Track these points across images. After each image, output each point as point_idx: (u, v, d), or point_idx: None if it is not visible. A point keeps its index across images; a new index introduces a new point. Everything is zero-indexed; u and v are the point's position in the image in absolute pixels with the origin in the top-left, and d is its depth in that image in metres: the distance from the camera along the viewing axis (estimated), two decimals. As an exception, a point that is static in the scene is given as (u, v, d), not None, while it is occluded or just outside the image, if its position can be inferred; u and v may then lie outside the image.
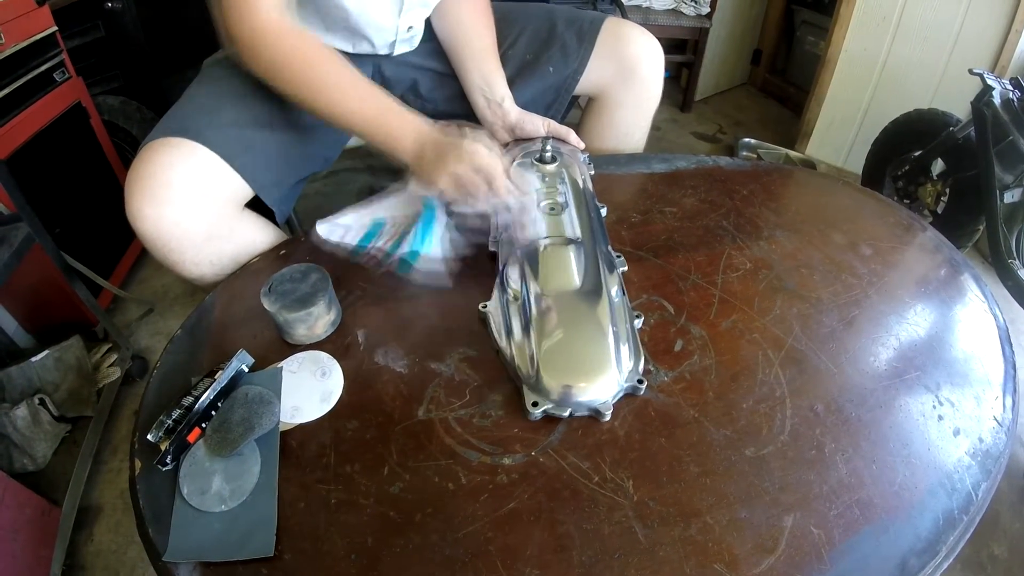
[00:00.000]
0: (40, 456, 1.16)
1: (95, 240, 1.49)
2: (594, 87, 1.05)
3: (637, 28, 1.03)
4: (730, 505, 0.49)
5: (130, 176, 0.73)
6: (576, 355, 0.59)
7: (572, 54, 1.01)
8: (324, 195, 1.84)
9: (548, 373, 0.57)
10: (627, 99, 1.04)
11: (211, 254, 0.77)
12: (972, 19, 1.70)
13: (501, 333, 0.64)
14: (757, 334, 0.65)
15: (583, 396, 0.56)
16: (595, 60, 1.02)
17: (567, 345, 0.59)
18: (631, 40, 1.01)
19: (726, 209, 0.85)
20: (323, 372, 0.61)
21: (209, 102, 0.82)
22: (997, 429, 0.56)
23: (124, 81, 1.76)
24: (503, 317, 0.65)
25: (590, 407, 0.56)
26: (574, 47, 1.02)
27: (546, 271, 0.67)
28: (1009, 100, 1.34)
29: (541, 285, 0.65)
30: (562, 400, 0.56)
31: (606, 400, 0.56)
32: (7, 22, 1.22)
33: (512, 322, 0.63)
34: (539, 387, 0.57)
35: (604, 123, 1.08)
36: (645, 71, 1.02)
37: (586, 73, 1.02)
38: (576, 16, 1.05)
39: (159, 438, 0.53)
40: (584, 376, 0.56)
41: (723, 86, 2.85)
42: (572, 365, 0.57)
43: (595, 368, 0.57)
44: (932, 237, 0.82)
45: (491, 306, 0.67)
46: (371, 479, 0.51)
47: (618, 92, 1.04)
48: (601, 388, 0.57)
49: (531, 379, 0.58)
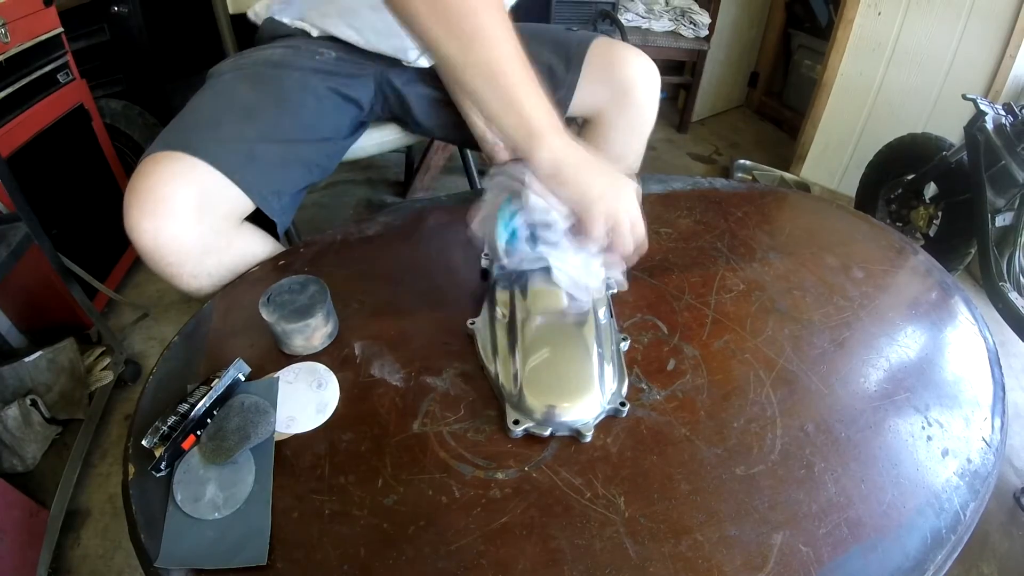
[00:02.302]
0: (30, 457, 1.15)
1: (92, 243, 1.49)
2: (588, 110, 1.05)
3: (631, 50, 1.02)
4: (720, 522, 0.50)
5: (129, 189, 0.73)
6: (560, 376, 0.59)
7: (560, 80, 1.00)
8: (322, 206, 1.85)
9: (531, 392, 0.57)
10: (621, 122, 1.04)
11: (209, 267, 0.77)
12: (966, 45, 1.73)
13: (487, 351, 0.64)
14: (749, 354, 0.66)
15: (565, 416, 0.56)
16: (588, 84, 1.00)
17: (551, 365, 0.60)
18: (625, 63, 1.00)
19: (720, 230, 0.86)
20: (319, 383, 0.61)
21: (211, 115, 0.82)
22: (985, 450, 0.57)
23: (127, 85, 1.78)
24: (490, 334, 0.65)
25: (571, 427, 0.57)
26: (561, 73, 1.00)
27: (535, 291, 0.67)
28: (1002, 125, 1.36)
29: (529, 305, 0.65)
30: (545, 420, 0.56)
31: (587, 421, 0.57)
32: (14, 21, 1.22)
33: (498, 340, 0.64)
34: (522, 406, 0.57)
35: (598, 144, 1.07)
36: (640, 95, 1.01)
37: (579, 97, 1.01)
38: (563, 40, 1.04)
39: (154, 444, 0.53)
40: (567, 397, 0.57)
41: (720, 108, 2.89)
42: (556, 385, 0.58)
43: (578, 389, 0.57)
44: (924, 260, 0.83)
45: (479, 323, 0.67)
46: (365, 491, 0.52)
47: (612, 115, 1.03)
48: (583, 409, 0.57)
49: (514, 398, 0.58)
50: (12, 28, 1.22)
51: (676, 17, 2.43)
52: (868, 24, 1.88)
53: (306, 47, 0.96)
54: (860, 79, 1.96)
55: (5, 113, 1.23)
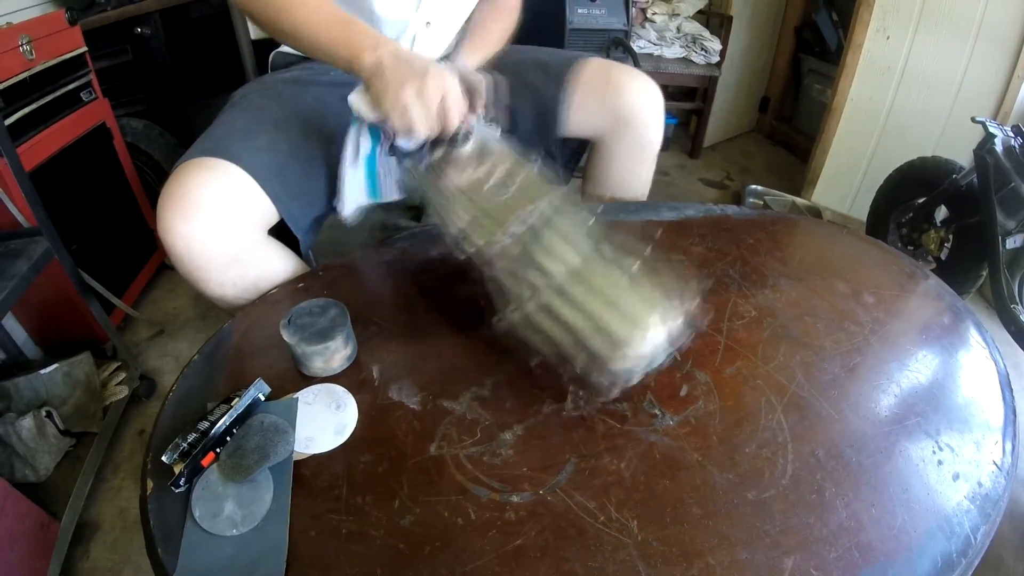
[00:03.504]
0: (43, 468, 1.17)
1: (110, 258, 1.51)
2: (588, 132, 1.03)
3: (629, 73, 0.99)
4: (732, 546, 0.50)
5: (164, 193, 0.75)
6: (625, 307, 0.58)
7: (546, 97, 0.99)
8: (336, 228, 1.86)
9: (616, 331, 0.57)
10: (623, 148, 1.02)
11: (235, 276, 0.78)
12: (974, 68, 1.74)
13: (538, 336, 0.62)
14: (761, 381, 0.66)
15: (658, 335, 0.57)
16: (584, 106, 0.99)
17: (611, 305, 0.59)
18: (624, 88, 0.97)
19: (732, 257, 0.87)
20: (338, 405, 0.62)
21: (245, 125, 0.84)
22: (997, 473, 0.57)
23: (148, 105, 1.82)
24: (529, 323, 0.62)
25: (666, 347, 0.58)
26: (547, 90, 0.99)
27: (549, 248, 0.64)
28: (1011, 147, 1.37)
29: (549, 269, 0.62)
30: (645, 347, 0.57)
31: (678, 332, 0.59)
32: (39, 39, 1.26)
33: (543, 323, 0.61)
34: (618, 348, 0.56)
35: (602, 169, 1.06)
36: (642, 120, 0.99)
37: (576, 119, 1.00)
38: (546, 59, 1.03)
39: (174, 460, 0.55)
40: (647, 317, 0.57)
41: (731, 133, 2.91)
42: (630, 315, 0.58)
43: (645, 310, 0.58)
44: (934, 285, 0.84)
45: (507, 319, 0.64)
46: (382, 511, 0.52)
47: (615, 141, 1.02)
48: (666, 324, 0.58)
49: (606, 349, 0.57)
50: (37, 46, 1.25)
51: (687, 44, 2.46)
52: (877, 48, 1.90)
53: (320, 65, 0.96)
54: (870, 103, 1.97)
55: (29, 129, 1.26)
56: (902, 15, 1.82)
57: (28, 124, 1.26)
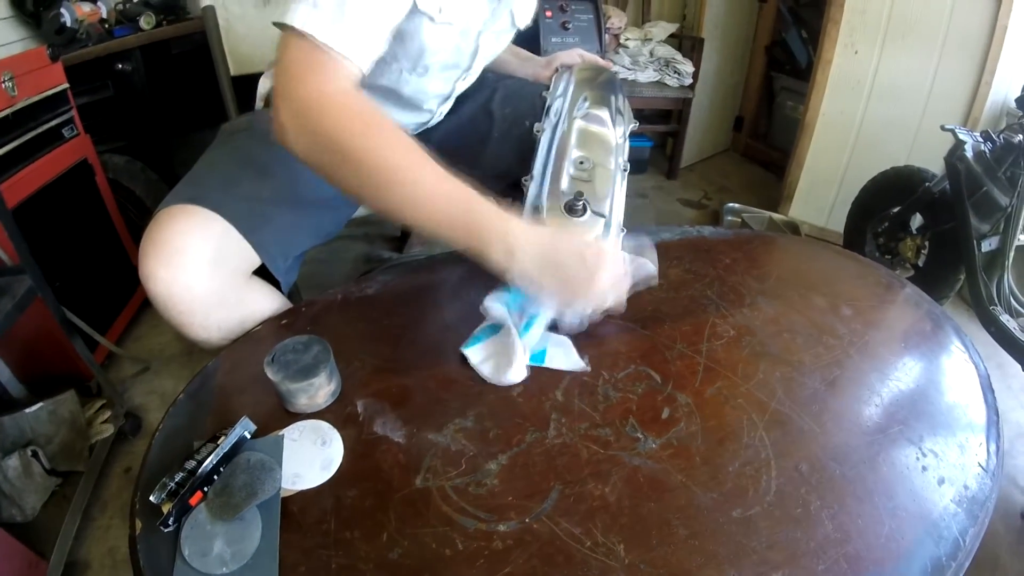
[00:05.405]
0: (29, 508, 1.15)
1: (94, 295, 1.50)
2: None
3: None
4: (719, 565, 0.51)
5: (145, 239, 0.75)
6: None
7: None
8: (320, 261, 1.87)
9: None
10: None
11: (219, 319, 0.78)
12: (942, 77, 1.78)
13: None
14: (741, 399, 0.67)
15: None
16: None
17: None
18: None
19: (710, 278, 0.88)
20: (323, 441, 0.62)
21: (228, 171, 0.84)
22: (982, 475, 0.58)
23: (130, 141, 1.81)
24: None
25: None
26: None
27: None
28: (981, 152, 1.39)
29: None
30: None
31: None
32: (21, 75, 1.25)
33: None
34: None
35: None
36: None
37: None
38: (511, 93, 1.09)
39: (161, 499, 0.54)
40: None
41: (707, 153, 2.94)
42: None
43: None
44: (911, 293, 0.85)
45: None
46: (371, 545, 0.53)
47: None
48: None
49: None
50: (19, 82, 1.24)
51: (661, 67, 2.50)
52: (846, 64, 1.94)
53: None
54: (841, 117, 2.01)
55: (11, 166, 1.25)
56: (869, 30, 1.87)
57: (10, 161, 1.25)
